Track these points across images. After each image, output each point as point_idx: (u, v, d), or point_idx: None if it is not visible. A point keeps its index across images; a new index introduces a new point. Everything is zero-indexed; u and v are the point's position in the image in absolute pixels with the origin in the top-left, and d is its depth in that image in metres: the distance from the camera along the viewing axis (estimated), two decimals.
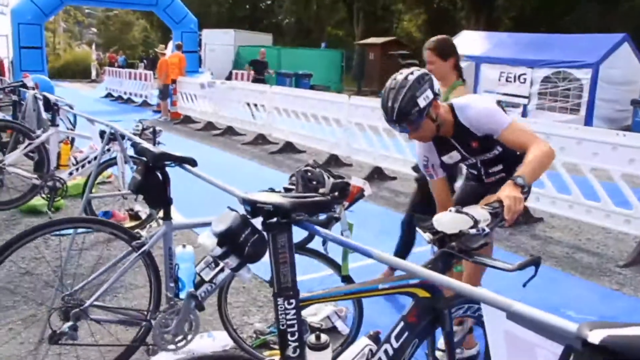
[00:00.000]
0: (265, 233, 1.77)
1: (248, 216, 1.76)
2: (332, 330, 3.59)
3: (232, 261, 1.79)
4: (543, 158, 2.45)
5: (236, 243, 1.74)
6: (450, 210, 1.92)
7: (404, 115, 2.54)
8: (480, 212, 1.98)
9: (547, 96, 15.78)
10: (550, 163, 2.54)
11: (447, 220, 1.88)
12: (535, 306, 2.02)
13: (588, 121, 14.52)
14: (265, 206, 1.69)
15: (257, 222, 1.79)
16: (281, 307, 1.81)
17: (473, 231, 1.85)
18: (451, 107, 2.75)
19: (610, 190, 5.51)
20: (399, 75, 2.57)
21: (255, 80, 16.07)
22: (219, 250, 1.77)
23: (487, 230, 1.91)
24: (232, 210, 1.78)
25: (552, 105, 15.63)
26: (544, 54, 15.91)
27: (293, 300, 1.82)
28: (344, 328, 3.59)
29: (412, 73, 2.56)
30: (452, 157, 2.89)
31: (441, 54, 3.71)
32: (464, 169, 3.40)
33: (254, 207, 1.70)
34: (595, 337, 0.89)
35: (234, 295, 4.08)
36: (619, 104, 15.47)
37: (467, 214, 1.88)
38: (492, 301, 1.16)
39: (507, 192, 2.17)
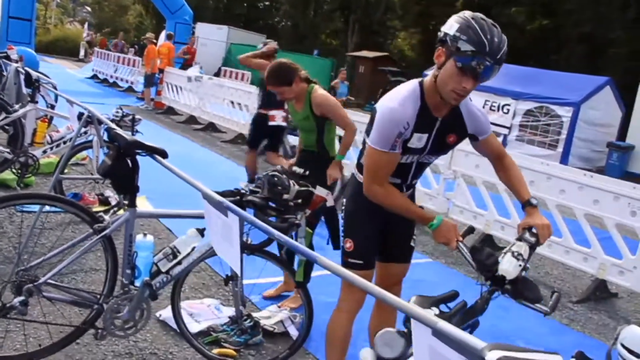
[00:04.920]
0: None
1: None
2: (284, 335, 3.64)
3: None
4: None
5: None
6: (505, 254, 2.09)
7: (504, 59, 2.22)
8: (524, 249, 2.13)
9: (527, 129, 16.05)
10: None
11: (513, 268, 2.04)
12: (485, 333, 2.11)
13: (564, 158, 14.78)
14: None
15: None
16: None
17: (524, 273, 2.06)
18: None
19: (573, 227, 5.65)
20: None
21: None
22: None
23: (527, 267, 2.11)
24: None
25: (531, 139, 15.89)
26: (530, 88, 16.19)
27: None
28: (295, 333, 3.64)
29: None
30: (420, 140, 2.48)
31: (285, 83, 3.81)
32: None
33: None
34: (492, 356, 0.96)
35: (193, 290, 4.11)
36: (595, 145, 15.80)
37: (519, 256, 2.06)
38: (419, 317, 1.23)
39: (540, 220, 2.34)
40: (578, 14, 26.54)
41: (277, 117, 6.34)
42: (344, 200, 2.81)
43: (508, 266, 2.04)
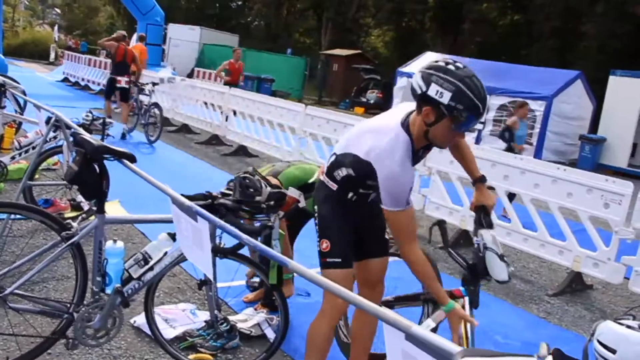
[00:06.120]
0: None
1: None
2: (261, 337, 3.60)
3: None
4: None
5: None
6: (486, 253, 2.46)
7: None
8: (496, 240, 2.49)
9: (501, 123, 16.13)
10: None
11: (505, 273, 2.41)
12: None
13: (538, 152, 14.94)
14: None
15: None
16: None
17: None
18: None
19: (547, 221, 5.69)
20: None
21: None
22: None
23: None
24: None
25: None
26: (503, 83, 16.31)
27: None
28: (272, 336, 3.60)
29: None
30: None
31: None
32: None
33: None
34: None
35: (168, 295, 4.05)
36: (568, 138, 15.99)
37: (503, 257, 2.44)
38: (392, 322, 1.20)
39: (491, 200, 2.70)
40: (548, 8, 26.87)
41: (122, 82, 10.64)
42: (315, 207, 2.74)
43: (500, 271, 2.42)
